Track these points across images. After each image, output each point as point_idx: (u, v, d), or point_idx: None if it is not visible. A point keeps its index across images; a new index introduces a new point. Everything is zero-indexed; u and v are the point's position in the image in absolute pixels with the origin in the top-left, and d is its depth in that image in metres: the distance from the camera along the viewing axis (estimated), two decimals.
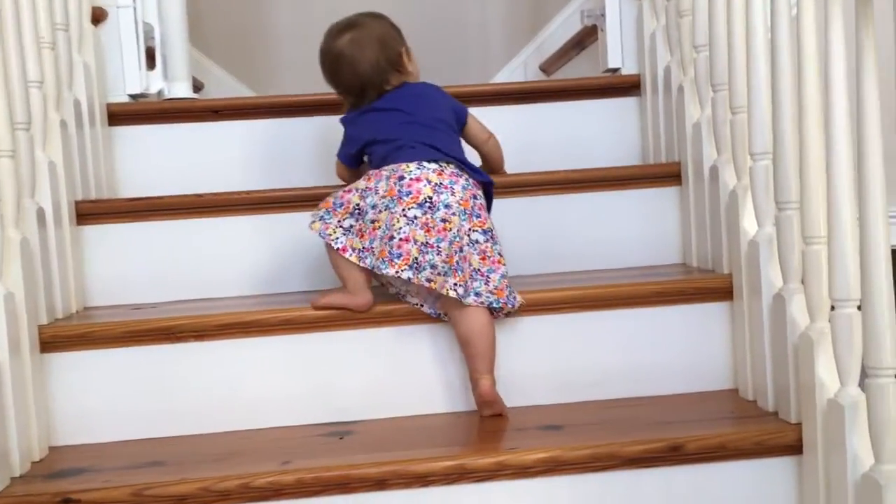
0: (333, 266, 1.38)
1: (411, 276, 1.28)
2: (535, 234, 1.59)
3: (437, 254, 1.29)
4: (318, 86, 1.63)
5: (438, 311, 1.35)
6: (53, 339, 1.30)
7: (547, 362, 1.37)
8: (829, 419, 1.07)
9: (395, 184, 1.33)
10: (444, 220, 1.30)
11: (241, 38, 2.80)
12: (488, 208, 1.40)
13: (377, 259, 1.30)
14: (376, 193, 1.34)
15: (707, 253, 1.48)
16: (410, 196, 1.31)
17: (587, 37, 2.21)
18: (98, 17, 1.71)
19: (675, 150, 1.62)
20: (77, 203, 1.50)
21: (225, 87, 2.77)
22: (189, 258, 1.54)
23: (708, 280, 1.39)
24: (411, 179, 1.32)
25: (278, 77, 2.80)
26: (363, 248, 1.32)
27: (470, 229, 1.32)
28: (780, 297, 1.20)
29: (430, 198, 1.31)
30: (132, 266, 1.53)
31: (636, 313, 1.37)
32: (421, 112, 1.43)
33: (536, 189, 1.59)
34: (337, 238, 1.34)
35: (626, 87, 1.80)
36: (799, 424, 1.17)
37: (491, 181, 1.43)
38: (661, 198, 1.60)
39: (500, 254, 1.34)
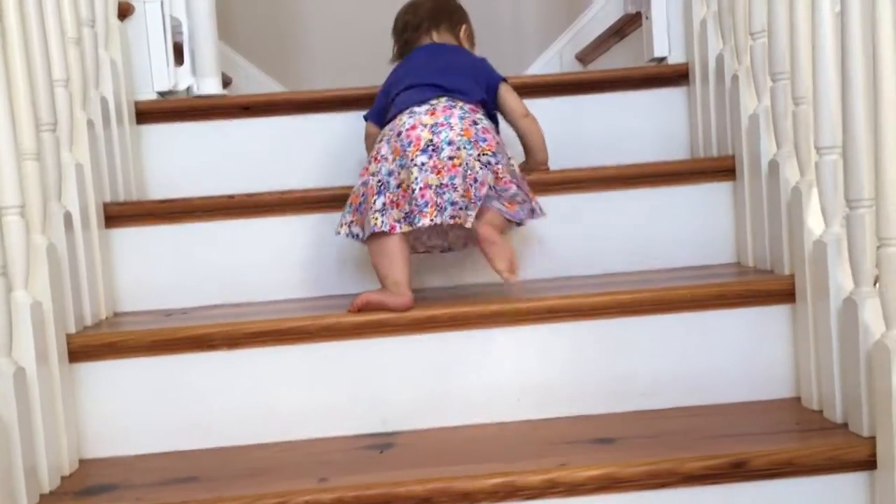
0: (374, 264, 1.33)
1: (439, 220, 1.29)
2: (581, 234, 1.52)
3: (454, 190, 1.29)
4: (348, 80, 1.57)
5: (453, 244, 1.41)
6: (82, 349, 1.25)
7: (596, 370, 1.30)
8: None
9: (395, 141, 1.33)
10: (451, 158, 1.30)
11: (269, 31, 2.74)
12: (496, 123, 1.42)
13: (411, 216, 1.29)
14: (386, 160, 1.33)
15: (765, 252, 1.40)
16: (412, 145, 1.31)
17: (628, 25, 2.12)
18: (125, 11, 1.65)
19: (727, 143, 1.53)
20: (105, 205, 1.45)
21: (253, 81, 2.72)
22: (221, 261, 1.49)
23: (768, 282, 1.31)
24: (407, 130, 1.33)
25: (307, 71, 2.74)
26: (406, 214, 1.30)
27: (480, 154, 1.31)
28: (851, 302, 1.12)
29: (431, 140, 1.31)
30: (163, 270, 1.48)
31: (691, 317, 1.30)
32: (439, 59, 1.48)
33: (582, 186, 1.51)
34: (381, 222, 1.29)
35: (674, 76, 1.72)
36: (872, 438, 1.09)
37: (492, 112, 1.43)
38: (713, 194, 1.52)
39: (511, 174, 1.34)
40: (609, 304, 1.29)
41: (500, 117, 1.52)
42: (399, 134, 1.33)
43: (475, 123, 1.35)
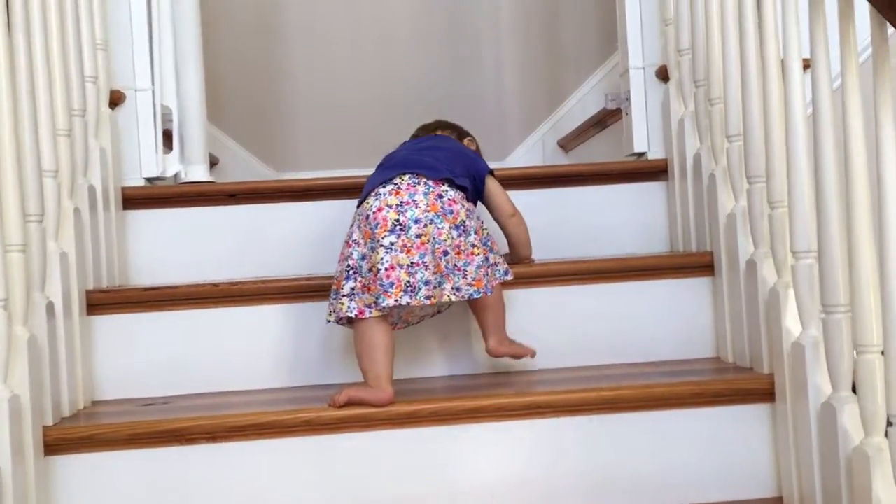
0: (357, 356, 1.34)
1: (409, 300, 1.29)
2: (561, 326, 1.53)
3: (426, 269, 1.29)
4: (334, 164, 1.60)
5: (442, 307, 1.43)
6: (58, 442, 1.23)
7: (577, 466, 1.29)
8: None
9: (364, 225, 1.35)
10: (418, 235, 1.32)
11: (257, 114, 2.79)
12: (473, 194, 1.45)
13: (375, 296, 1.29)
14: (358, 245, 1.35)
15: (744, 349, 1.41)
16: (379, 226, 1.32)
17: (609, 116, 2.19)
18: (116, 100, 1.68)
19: (706, 239, 1.56)
20: (88, 293, 1.45)
21: (241, 162, 2.75)
22: (204, 350, 1.48)
23: (748, 380, 1.33)
24: (374, 212, 1.34)
25: (295, 154, 2.78)
26: (376, 297, 1.30)
27: (449, 227, 1.34)
28: (830, 406, 1.13)
29: (398, 220, 1.33)
30: (144, 358, 1.47)
31: (671, 415, 1.31)
32: (424, 142, 1.53)
33: (564, 279, 1.53)
34: (348, 307, 1.31)
35: (653, 171, 1.76)
36: None
37: (468, 188, 1.43)
38: (693, 289, 1.54)
39: (473, 244, 1.35)
40: (591, 401, 1.30)
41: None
42: (367, 217, 1.35)
43: (440, 197, 1.36)
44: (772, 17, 1.31)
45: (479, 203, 1.51)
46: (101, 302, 1.46)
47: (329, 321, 1.38)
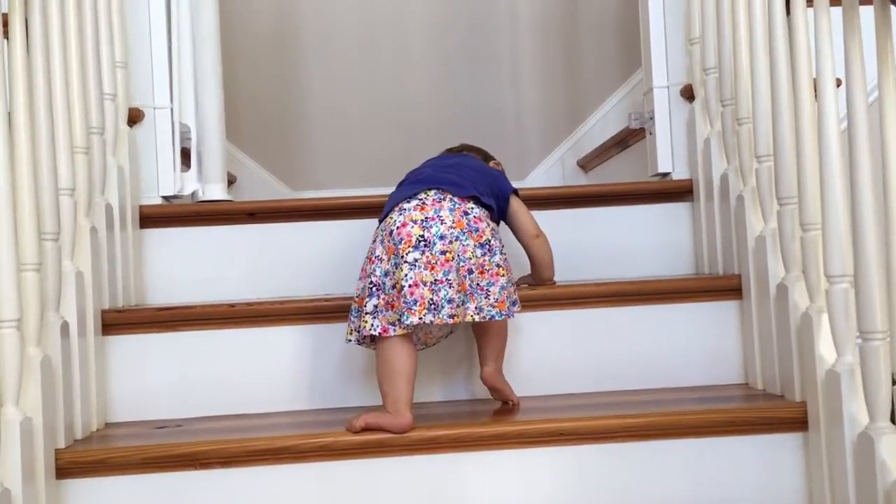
0: (378, 378, 1.30)
1: (433, 318, 1.25)
2: (585, 350, 1.49)
3: (450, 287, 1.26)
4: (351, 182, 1.58)
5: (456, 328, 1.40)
6: (70, 466, 1.21)
7: (603, 496, 1.25)
8: None
9: (388, 241, 1.31)
10: (443, 252, 1.28)
11: (274, 131, 2.78)
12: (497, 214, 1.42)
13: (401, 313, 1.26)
14: (381, 261, 1.31)
15: (774, 376, 1.37)
16: (403, 242, 1.29)
17: (631, 136, 2.15)
18: (134, 118, 1.67)
19: (734, 262, 1.52)
20: (103, 312, 1.43)
21: (257, 180, 2.74)
22: (219, 371, 1.46)
23: (780, 409, 1.28)
24: (398, 228, 1.31)
25: (312, 172, 2.76)
26: (399, 315, 1.27)
27: (475, 245, 1.31)
28: (867, 437, 1.08)
29: (422, 236, 1.29)
30: (158, 379, 1.45)
31: (700, 443, 1.27)
32: (450, 159, 1.50)
33: (587, 301, 1.50)
34: (371, 325, 1.28)
35: (678, 192, 1.72)
36: None
37: (493, 207, 1.40)
38: (720, 312, 1.50)
39: (498, 264, 1.32)
40: (618, 429, 1.26)
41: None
42: (391, 233, 1.32)
43: (466, 214, 1.33)
44: (804, 33, 1.27)
45: (500, 223, 1.48)
46: (116, 322, 1.44)
47: (349, 340, 1.34)
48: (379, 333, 1.28)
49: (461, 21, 2.83)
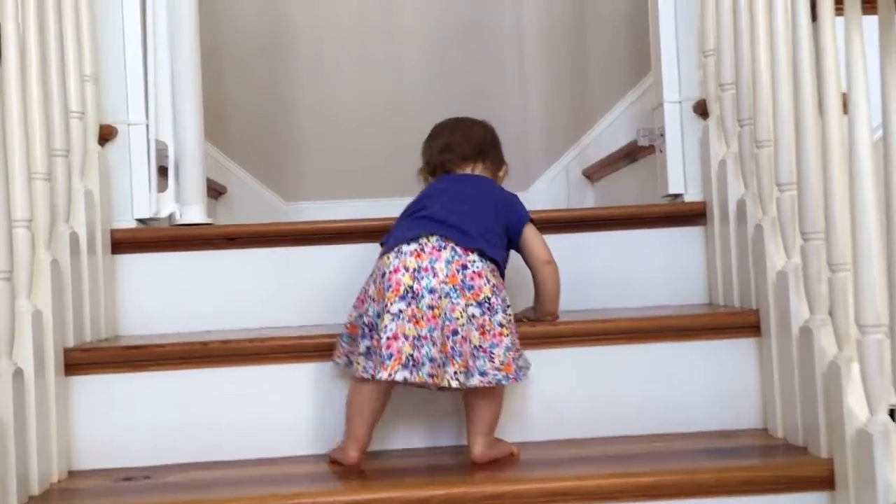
0: (346, 404, 1.27)
1: (408, 375, 1.19)
2: (586, 392, 1.38)
3: (433, 345, 1.20)
4: (345, 193, 1.47)
5: None
6: None
7: None
8: None
9: (380, 283, 1.25)
10: (431, 307, 1.21)
11: (265, 140, 2.65)
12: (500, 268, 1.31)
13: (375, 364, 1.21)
14: (374, 301, 1.25)
15: (797, 425, 1.25)
16: (391, 290, 1.22)
17: (639, 150, 2.03)
18: (106, 135, 1.55)
19: (751, 295, 1.40)
20: (66, 351, 1.32)
21: (248, 191, 2.62)
22: (192, 415, 1.34)
23: (805, 466, 1.17)
24: (390, 273, 1.23)
25: (304, 183, 2.64)
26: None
27: (466, 305, 1.21)
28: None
29: (411, 287, 1.22)
30: (126, 423, 1.34)
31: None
32: (462, 188, 1.37)
33: (589, 339, 1.38)
34: (364, 367, 1.23)
35: (690, 215, 1.60)
36: None
37: (499, 260, 1.30)
38: (736, 351, 1.38)
39: (500, 324, 1.23)
40: (626, 489, 1.14)
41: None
42: (383, 275, 1.24)
43: (464, 268, 1.24)
44: (832, 47, 1.15)
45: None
46: (80, 361, 1.33)
47: (337, 363, 1.30)
48: (371, 376, 1.21)
49: (460, 23, 2.70)
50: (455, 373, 1.19)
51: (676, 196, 1.66)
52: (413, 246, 1.25)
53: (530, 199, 2.65)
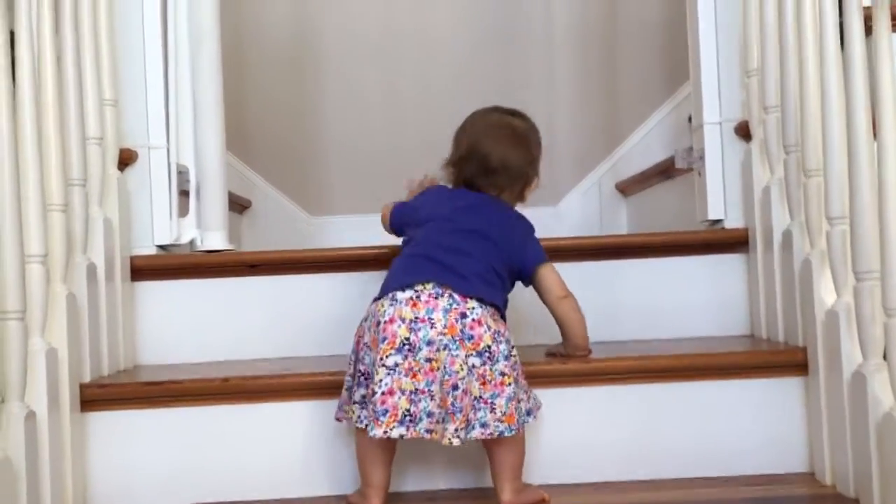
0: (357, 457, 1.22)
1: (404, 432, 1.13)
2: (620, 432, 1.31)
3: (431, 399, 1.13)
4: (372, 208, 1.42)
5: None
6: None
7: None
8: None
9: (374, 332, 1.18)
10: (428, 360, 1.14)
11: (290, 154, 2.61)
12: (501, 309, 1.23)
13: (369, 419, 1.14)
14: (370, 350, 1.18)
15: (847, 473, 1.17)
16: (386, 342, 1.15)
17: (675, 168, 1.95)
18: (126, 160, 1.51)
19: (797, 332, 1.32)
20: (83, 387, 1.28)
21: (273, 205, 2.58)
22: (213, 453, 1.30)
23: None
24: (385, 323, 1.16)
25: (330, 197, 2.59)
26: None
27: (466, 356, 1.14)
28: None
29: (408, 338, 1.15)
30: (143, 460, 1.30)
31: None
32: (473, 218, 1.27)
33: (624, 377, 1.31)
34: (358, 417, 1.18)
35: (731, 243, 1.53)
36: None
37: (500, 304, 1.23)
38: (781, 390, 1.31)
39: (502, 372, 1.16)
40: None
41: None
42: (378, 324, 1.17)
43: (463, 316, 1.16)
44: (889, 67, 1.07)
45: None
46: (96, 398, 1.29)
47: (339, 419, 1.23)
48: (365, 426, 1.15)
49: (488, 30, 2.62)
50: (456, 430, 1.13)
51: (716, 222, 1.58)
52: (408, 293, 1.17)
53: (560, 214, 2.58)
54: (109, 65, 1.46)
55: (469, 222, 1.27)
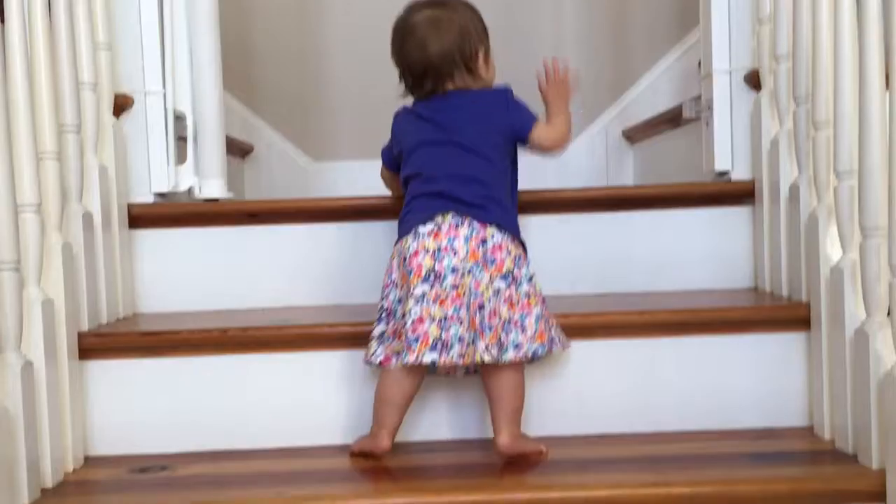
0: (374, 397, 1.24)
1: (437, 358, 1.16)
2: (620, 385, 1.31)
3: (460, 324, 1.17)
4: (376, 153, 1.40)
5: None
6: None
7: None
8: None
9: (402, 267, 1.22)
10: (454, 287, 1.18)
11: (294, 99, 2.56)
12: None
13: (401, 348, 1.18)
14: (396, 286, 1.23)
15: (847, 428, 1.17)
16: (413, 273, 1.19)
17: (683, 116, 1.91)
18: (122, 105, 1.48)
19: (801, 286, 1.31)
20: (80, 336, 1.28)
21: (276, 150, 2.55)
22: (210, 403, 1.30)
23: (857, 478, 1.09)
24: (410, 256, 1.20)
25: (334, 142, 2.56)
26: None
27: (490, 279, 1.18)
28: None
29: (433, 268, 1.19)
30: (143, 408, 1.30)
31: None
32: (458, 129, 1.26)
33: (627, 331, 1.30)
34: (374, 352, 1.21)
35: (737, 195, 1.50)
36: None
37: (517, 231, 1.24)
38: (782, 346, 1.30)
39: (527, 294, 1.19)
40: (659, 499, 1.08)
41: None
42: (404, 259, 1.22)
43: (483, 242, 1.20)
44: None
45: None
46: (95, 347, 1.29)
47: (368, 362, 1.24)
48: (380, 363, 1.20)
49: None
50: (486, 346, 1.16)
51: (722, 174, 1.55)
52: (429, 226, 1.21)
53: (567, 160, 2.54)
54: (103, 7, 1.42)
55: (455, 133, 1.25)
